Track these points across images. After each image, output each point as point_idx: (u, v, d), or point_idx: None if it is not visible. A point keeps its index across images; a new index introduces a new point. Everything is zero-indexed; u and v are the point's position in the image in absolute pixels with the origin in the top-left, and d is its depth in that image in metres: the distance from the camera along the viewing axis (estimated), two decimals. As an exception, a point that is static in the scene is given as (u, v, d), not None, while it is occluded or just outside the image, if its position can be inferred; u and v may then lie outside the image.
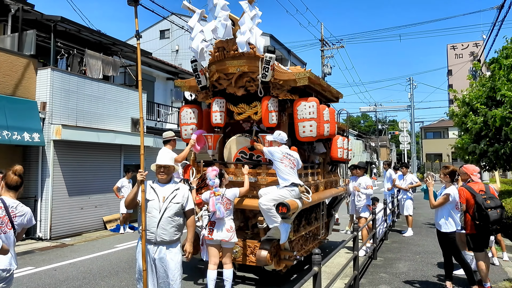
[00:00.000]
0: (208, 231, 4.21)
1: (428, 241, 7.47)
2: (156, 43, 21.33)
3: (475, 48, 35.06)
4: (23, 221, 2.77)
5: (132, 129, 10.14)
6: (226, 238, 4.15)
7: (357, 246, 4.67)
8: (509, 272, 5.22)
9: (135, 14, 3.35)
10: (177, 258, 3.11)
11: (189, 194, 3.25)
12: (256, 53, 4.66)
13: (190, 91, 5.71)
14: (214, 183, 4.26)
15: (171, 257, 3.07)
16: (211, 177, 4.28)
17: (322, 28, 21.11)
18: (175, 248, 3.11)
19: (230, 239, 4.18)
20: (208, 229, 4.21)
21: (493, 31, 13.14)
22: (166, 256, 3.05)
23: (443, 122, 37.99)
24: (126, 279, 5.27)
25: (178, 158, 4.46)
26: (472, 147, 8.47)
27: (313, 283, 3.02)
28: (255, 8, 4.57)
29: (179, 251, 3.15)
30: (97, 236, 8.52)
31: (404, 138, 24.73)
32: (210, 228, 4.20)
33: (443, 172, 4.56)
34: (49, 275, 5.50)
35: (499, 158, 7.87)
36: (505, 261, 5.74)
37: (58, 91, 8.37)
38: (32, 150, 8.24)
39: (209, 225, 4.22)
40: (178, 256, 3.13)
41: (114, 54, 10.74)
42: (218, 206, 4.12)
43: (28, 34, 8.35)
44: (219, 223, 4.19)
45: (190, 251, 3.27)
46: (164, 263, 3.05)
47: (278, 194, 4.25)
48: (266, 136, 4.69)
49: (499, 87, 7.75)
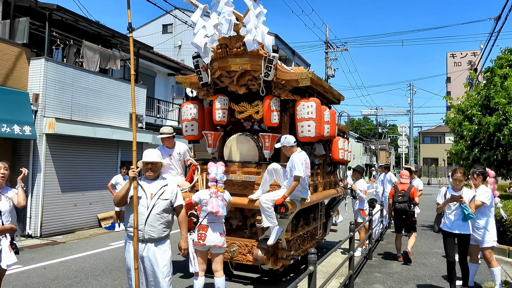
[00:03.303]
0: (198, 236, 3.83)
1: (422, 242, 7.63)
2: (158, 37, 21.01)
3: (473, 57, 35.51)
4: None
5: (130, 125, 9.95)
6: (219, 243, 3.85)
7: (353, 247, 4.76)
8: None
9: (128, 5, 3.27)
10: (166, 256, 3.07)
11: (178, 190, 3.20)
12: (260, 52, 4.63)
13: (191, 88, 5.65)
14: (223, 178, 4.05)
15: (160, 255, 3.03)
16: (219, 172, 4.01)
17: (327, 30, 21.07)
18: (163, 245, 3.07)
19: (223, 244, 3.92)
20: (199, 234, 3.83)
21: (490, 41, 13.10)
22: (155, 253, 3.02)
23: (440, 128, 38.95)
24: (120, 277, 5.16)
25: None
26: (466, 154, 8.76)
27: (308, 282, 3.07)
28: (260, 5, 4.53)
29: (168, 248, 3.11)
30: (90, 234, 8.35)
31: (403, 142, 24.92)
32: (202, 232, 3.82)
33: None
34: (38, 273, 5.33)
35: (491, 165, 8.18)
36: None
37: (52, 83, 8.11)
38: (22, 143, 7.99)
39: (201, 229, 3.84)
40: (167, 253, 3.09)
41: (113, 47, 10.48)
42: (222, 205, 3.90)
43: (21, 22, 8.05)
44: (215, 226, 3.86)
45: (185, 247, 3.24)
46: (152, 261, 3.01)
47: (277, 195, 4.21)
48: (275, 145, 4.58)
49: (493, 96, 8.06)
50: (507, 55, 8.99)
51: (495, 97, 7.95)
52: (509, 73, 8.46)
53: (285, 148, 4.40)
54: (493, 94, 8.10)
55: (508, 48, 9.17)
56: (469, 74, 12.02)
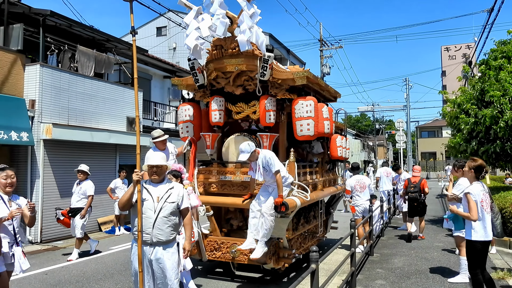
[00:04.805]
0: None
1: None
2: (152, 40, 20.94)
3: (467, 50, 35.64)
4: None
5: (127, 128, 9.93)
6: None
7: (354, 243, 4.78)
8: (496, 264, 5.59)
9: (131, 10, 3.28)
10: (174, 258, 3.09)
11: (184, 193, 3.22)
12: (255, 52, 4.62)
13: (188, 90, 5.70)
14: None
15: (168, 257, 3.05)
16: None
17: (321, 28, 21.06)
18: (171, 248, 3.09)
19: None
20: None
21: (484, 33, 13.18)
22: (163, 256, 3.03)
23: (437, 122, 39.03)
24: (122, 281, 5.15)
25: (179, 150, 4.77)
26: (463, 146, 8.82)
27: (311, 280, 3.08)
28: (253, 6, 4.53)
29: (175, 250, 3.13)
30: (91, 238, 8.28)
31: (400, 137, 25.01)
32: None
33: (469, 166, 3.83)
34: (39, 279, 5.32)
35: (489, 157, 8.25)
36: (493, 253, 6.10)
37: (48, 89, 8.08)
38: (20, 150, 7.95)
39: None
40: (175, 256, 3.12)
41: (108, 51, 10.44)
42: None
43: (15, 28, 8.02)
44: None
45: (189, 249, 3.25)
46: (161, 264, 3.03)
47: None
48: (243, 158, 4.34)
49: (487, 89, 8.11)
50: (501, 47, 9.03)
51: (489, 91, 7.99)
52: (504, 64, 8.49)
53: (252, 154, 4.24)
54: (487, 87, 8.14)
55: (501, 40, 9.22)
56: (463, 68, 11.99)
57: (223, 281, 5.01)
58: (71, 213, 6.44)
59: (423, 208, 7.24)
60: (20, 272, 3.39)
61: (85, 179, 6.46)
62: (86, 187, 6.37)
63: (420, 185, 7.22)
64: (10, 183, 3.38)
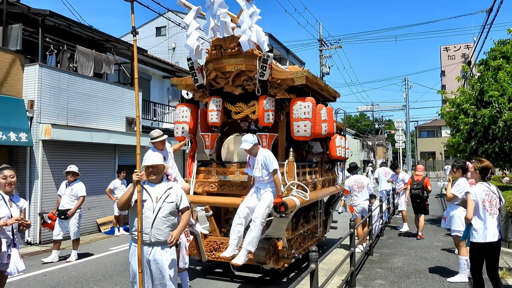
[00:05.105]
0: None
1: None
2: (152, 40, 20.94)
3: (466, 50, 35.69)
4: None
5: (127, 129, 9.90)
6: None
7: (354, 243, 4.79)
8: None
9: (132, 10, 3.27)
10: (172, 258, 3.08)
11: (183, 193, 3.22)
12: (255, 52, 4.62)
13: (187, 90, 5.65)
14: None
15: (167, 257, 3.04)
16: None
17: (321, 28, 21.09)
18: (170, 248, 3.07)
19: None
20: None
21: (483, 33, 13.24)
22: (162, 256, 3.02)
23: (437, 121, 39.14)
24: (121, 282, 5.14)
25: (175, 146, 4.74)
26: (463, 146, 8.86)
27: (311, 280, 3.08)
28: (253, 5, 4.54)
29: (174, 250, 3.12)
30: (90, 239, 8.30)
31: (400, 137, 25.06)
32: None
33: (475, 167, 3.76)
34: (38, 280, 5.30)
35: (488, 157, 8.25)
36: None
37: (47, 89, 8.06)
38: (19, 150, 7.93)
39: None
40: (174, 256, 3.11)
41: (107, 51, 10.43)
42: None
43: (14, 28, 8.00)
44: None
45: (176, 237, 3.04)
46: (159, 264, 3.01)
47: (269, 200, 4.24)
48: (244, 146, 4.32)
49: (486, 89, 8.14)
50: (500, 47, 9.06)
51: (488, 91, 8.03)
52: (503, 64, 8.52)
53: (254, 147, 4.26)
54: (486, 88, 8.17)
55: (501, 40, 9.25)
56: (462, 67, 12.04)
57: (222, 282, 5.00)
58: (63, 216, 6.37)
59: (424, 206, 7.38)
60: (15, 273, 3.39)
61: (74, 180, 6.45)
62: (77, 188, 6.39)
63: (423, 183, 7.43)
64: (9, 183, 3.37)
